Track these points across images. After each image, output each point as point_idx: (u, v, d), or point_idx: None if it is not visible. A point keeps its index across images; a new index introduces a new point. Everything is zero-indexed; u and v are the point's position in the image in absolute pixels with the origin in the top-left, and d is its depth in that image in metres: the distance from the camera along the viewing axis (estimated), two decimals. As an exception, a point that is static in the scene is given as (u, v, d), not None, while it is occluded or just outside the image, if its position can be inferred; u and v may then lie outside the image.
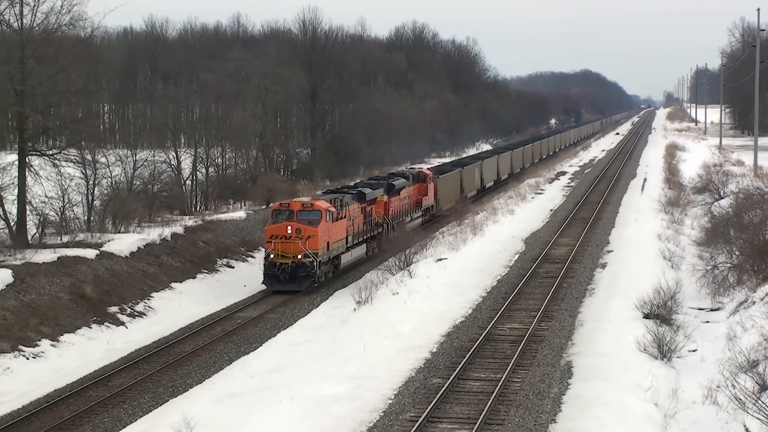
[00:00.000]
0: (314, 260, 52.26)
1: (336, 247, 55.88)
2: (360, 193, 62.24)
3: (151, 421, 33.15)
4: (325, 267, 54.55)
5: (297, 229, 52.33)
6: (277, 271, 52.30)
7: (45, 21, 59.66)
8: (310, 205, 53.75)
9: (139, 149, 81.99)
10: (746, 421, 27.51)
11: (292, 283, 52.26)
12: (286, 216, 53.34)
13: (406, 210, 71.61)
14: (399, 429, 28.83)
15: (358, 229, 60.50)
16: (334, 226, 54.99)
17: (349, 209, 58.48)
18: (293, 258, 52.11)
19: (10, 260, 48.70)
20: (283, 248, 52.23)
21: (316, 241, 52.33)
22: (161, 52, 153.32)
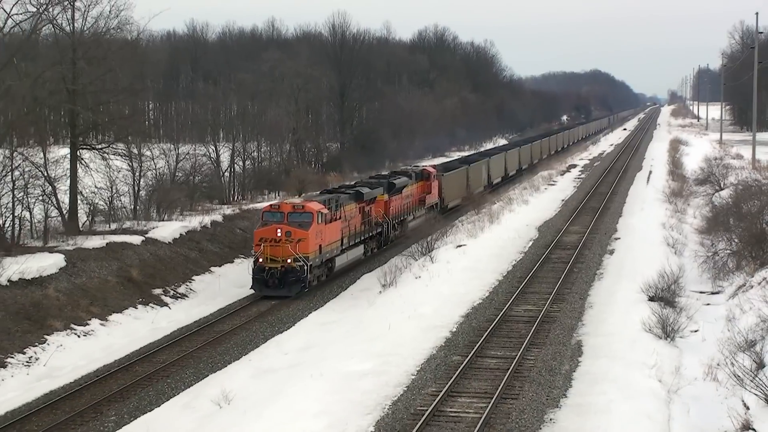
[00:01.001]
0: (305, 264, 47.33)
1: (330, 250, 50.95)
2: (357, 193, 56.94)
3: (193, 394, 33.27)
4: (317, 270, 49.79)
5: (287, 232, 47.35)
6: (266, 275, 47.45)
7: (94, 25, 59.88)
8: (301, 207, 48.51)
9: (181, 143, 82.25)
10: (744, 396, 27.45)
11: (281, 288, 47.32)
12: (277, 218, 48.32)
13: (408, 208, 66.97)
14: (421, 403, 28.85)
15: (355, 229, 55.51)
16: (328, 228, 50.06)
17: (345, 210, 53.38)
18: (283, 262, 47.21)
19: (63, 246, 48.92)
20: (273, 252, 47.35)
21: (306, 244, 47.45)
22: (202, 54, 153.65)
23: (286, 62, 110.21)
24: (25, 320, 39.28)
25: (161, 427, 29.00)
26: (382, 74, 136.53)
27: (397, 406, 28.68)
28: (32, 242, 52.17)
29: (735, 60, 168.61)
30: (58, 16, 57.73)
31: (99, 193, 62.31)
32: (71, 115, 61.02)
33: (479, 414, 27.53)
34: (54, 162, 58.35)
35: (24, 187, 54.60)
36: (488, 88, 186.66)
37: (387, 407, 28.55)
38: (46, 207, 56.53)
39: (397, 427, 26.86)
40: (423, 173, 71.47)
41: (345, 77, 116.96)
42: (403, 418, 27.59)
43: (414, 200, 68.15)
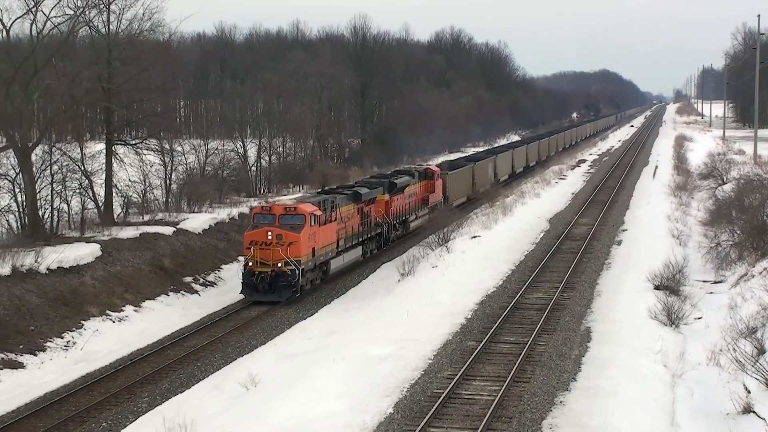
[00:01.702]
0: (296, 268, 43.55)
1: (324, 253, 47.13)
2: (355, 193, 53.03)
3: (221, 376, 33.37)
4: (310, 274, 45.97)
5: (278, 234, 43.57)
6: (256, 280, 43.63)
7: (129, 27, 60.08)
8: (293, 208, 44.57)
9: (210, 139, 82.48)
10: (745, 380, 27.38)
11: (272, 293, 43.59)
12: (268, 221, 44.52)
13: (410, 208, 63.33)
14: (438, 385, 28.87)
15: (352, 231, 51.72)
16: (322, 230, 46.29)
17: (341, 211, 49.68)
18: (273, 266, 43.43)
19: (99, 236, 49.13)
20: (263, 255, 43.55)
21: (298, 247, 43.62)
22: (230, 54, 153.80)
23: (310, 62, 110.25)
24: (63, 306, 39.50)
25: (191, 407, 29.09)
26: (401, 73, 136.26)
27: (415, 388, 28.71)
28: (70, 233, 52.42)
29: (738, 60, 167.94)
30: (95, 18, 57.95)
31: (133, 186, 62.61)
32: (107, 112, 61.24)
33: (493, 396, 27.54)
34: (90, 157, 58.64)
35: (62, 180, 54.90)
36: (502, 86, 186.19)
37: (405, 390, 28.58)
38: (82, 199, 56.80)
39: (414, 408, 26.89)
40: (426, 172, 68.03)
41: (365, 76, 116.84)
42: (421, 400, 27.63)
43: (417, 199, 65.00)
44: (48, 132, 55.85)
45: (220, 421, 26.55)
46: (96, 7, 57.21)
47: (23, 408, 30.45)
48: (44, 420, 29.21)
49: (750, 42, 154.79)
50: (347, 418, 25.87)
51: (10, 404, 30.68)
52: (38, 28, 53.76)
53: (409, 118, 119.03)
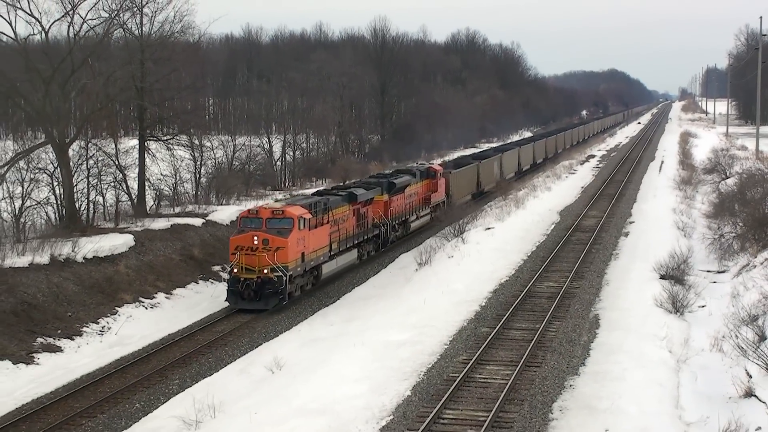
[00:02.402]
0: (284, 275, 39.79)
1: (315, 257, 43.35)
2: (350, 194, 49.25)
3: (248, 360, 33.43)
4: (300, 280, 42.28)
5: (264, 239, 39.82)
6: (241, 287, 39.86)
7: (160, 29, 60.23)
8: (281, 212, 40.88)
9: (237, 135, 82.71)
10: (747, 366, 27.30)
11: (257, 301, 39.87)
12: (255, 225, 40.70)
13: (411, 208, 59.39)
14: (453, 370, 28.86)
15: (347, 233, 47.93)
16: (312, 234, 42.54)
17: (334, 213, 45.92)
18: (259, 273, 39.69)
19: (132, 227, 49.30)
20: (248, 261, 39.84)
21: (285, 253, 39.89)
22: (256, 55, 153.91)
23: (332, 62, 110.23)
24: (98, 293, 39.70)
25: (220, 389, 29.19)
26: (419, 73, 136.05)
27: (432, 372, 28.72)
28: (105, 224, 52.62)
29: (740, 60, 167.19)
30: (128, 21, 58.11)
31: (164, 180, 62.86)
32: (140, 110, 61.51)
33: (505, 380, 27.52)
34: (124, 152, 58.88)
35: (98, 174, 55.13)
36: (515, 85, 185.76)
37: (422, 373, 28.59)
38: (117, 192, 57.02)
39: (431, 391, 26.90)
40: (429, 171, 64.10)
41: (385, 76, 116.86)
42: (437, 383, 27.63)
43: (418, 199, 61.04)
44: (84, 128, 56.02)
45: (246, 403, 26.62)
46: (130, 10, 57.40)
47: (61, 389, 30.60)
48: (81, 401, 29.35)
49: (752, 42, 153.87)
50: (367, 400, 25.90)
51: (49, 386, 30.83)
52: (75, 30, 53.94)
53: (427, 115, 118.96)
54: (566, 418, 24.61)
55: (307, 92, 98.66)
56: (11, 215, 48.74)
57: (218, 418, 25.67)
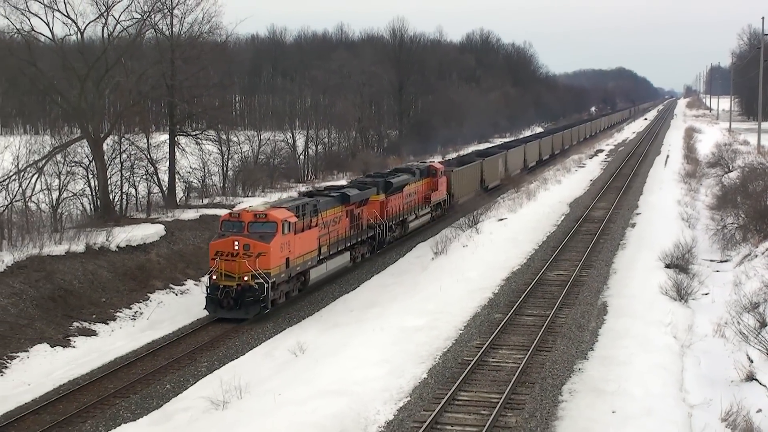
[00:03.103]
0: (265, 282, 36.16)
1: (302, 262, 39.54)
2: (343, 195, 45.27)
3: (272, 344, 33.49)
4: (285, 286, 38.52)
5: (245, 244, 36.18)
6: (220, 295, 36.19)
7: (190, 29, 60.39)
8: (263, 215, 37.04)
9: (263, 131, 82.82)
10: (748, 351, 27.25)
11: (237, 309, 36.25)
12: (236, 229, 36.93)
13: (410, 207, 55.25)
14: (467, 353, 28.86)
15: (339, 236, 44.16)
16: (299, 238, 38.88)
17: (324, 216, 42.13)
18: (239, 280, 36.10)
19: (163, 218, 49.49)
20: (228, 267, 36.16)
21: (267, 259, 36.22)
22: (280, 54, 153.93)
23: (353, 61, 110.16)
24: (131, 280, 39.86)
25: (246, 372, 29.24)
26: (435, 71, 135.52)
27: (447, 356, 28.72)
28: (137, 214, 52.83)
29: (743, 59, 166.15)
30: (159, 21, 58.26)
31: (193, 173, 63.07)
32: (170, 106, 61.68)
33: (517, 364, 27.50)
34: (155, 146, 59.08)
35: (130, 167, 55.35)
36: (527, 83, 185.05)
37: (438, 357, 28.60)
38: (148, 185, 57.22)
39: (446, 374, 26.90)
40: (429, 169, 59.70)
41: (403, 74, 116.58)
42: (452, 366, 27.64)
43: (417, 198, 56.85)
44: (118, 124, 56.21)
45: (271, 384, 26.69)
46: (161, 12, 57.53)
47: (96, 371, 30.75)
48: (114, 382, 29.49)
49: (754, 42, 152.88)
50: (385, 382, 25.93)
51: (85, 368, 31.00)
52: (109, 31, 54.13)
53: (442, 111, 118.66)
54: (575, 400, 24.59)
55: (328, 90, 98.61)
56: (49, 206, 48.94)
57: (244, 399, 25.74)
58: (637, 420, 22.65)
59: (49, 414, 26.53)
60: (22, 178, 47.32)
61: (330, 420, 22.71)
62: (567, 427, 22.62)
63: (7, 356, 30.46)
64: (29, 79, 54.03)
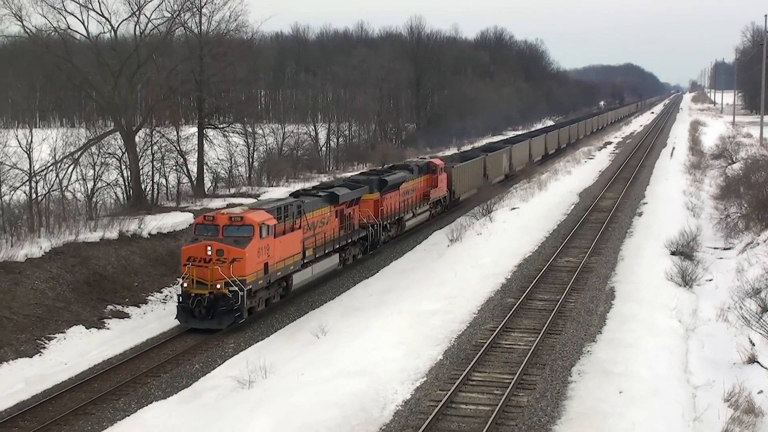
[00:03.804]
0: (240, 290, 32.42)
1: (283, 267, 35.77)
2: (332, 195, 41.44)
3: (295, 327, 33.62)
4: (264, 293, 34.87)
5: (219, 249, 32.44)
6: (192, 303, 32.55)
7: (217, 27, 60.58)
8: (239, 218, 33.34)
9: (286, 124, 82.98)
10: (750, 335, 27.16)
11: (210, 319, 32.57)
12: (210, 232, 33.29)
13: (407, 205, 51.74)
14: (481, 336, 28.83)
15: (327, 237, 40.41)
16: (279, 241, 35.09)
17: (309, 217, 38.30)
18: (212, 287, 32.45)
19: (192, 206, 49.71)
20: (200, 274, 32.50)
21: (243, 265, 32.43)
22: (303, 51, 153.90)
23: (372, 57, 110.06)
24: (161, 266, 40.02)
25: (271, 352, 29.37)
26: (451, 67, 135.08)
27: (461, 338, 28.71)
28: (167, 203, 53.09)
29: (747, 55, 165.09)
30: (188, 20, 58.44)
31: (220, 164, 63.31)
32: (198, 100, 61.92)
33: (529, 346, 27.47)
34: (185, 139, 59.30)
35: (161, 159, 55.58)
36: (539, 78, 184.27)
37: (453, 339, 28.59)
38: (178, 175, 57.46)
39: (461, 356, 26.90)
40: (428, 166, 56.04)
41: (420, 70, 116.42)
42: (466, 348, 27.63)
43: (416, 196, 53.27)
44: (149, 117, 56.44)
45: (294, 365, 26.76)
46: (190, 11, 57.71)
47: (129, 351, 30.97)
48: (146, 362, 29.67)
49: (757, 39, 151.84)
50: (403, 363, 25.95)
51: (118, 348, 31.22)
52: (141, 29, 54.30)
53: (458, 105, 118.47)
54: (584, 380, 24.55)
55: (349, 85, 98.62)
56: (84, 195, 49.21)
57: (269, 378, 25.83)
58: (643, 400, 22.59)
59: (84, 392, 26.74)
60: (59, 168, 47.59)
61: (350, 399, 22.76)
62: (576, 407, 22.58)
63: (45, 337, 30.67)
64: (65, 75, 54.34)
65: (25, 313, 31.81)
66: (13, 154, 43.91)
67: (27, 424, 24.31)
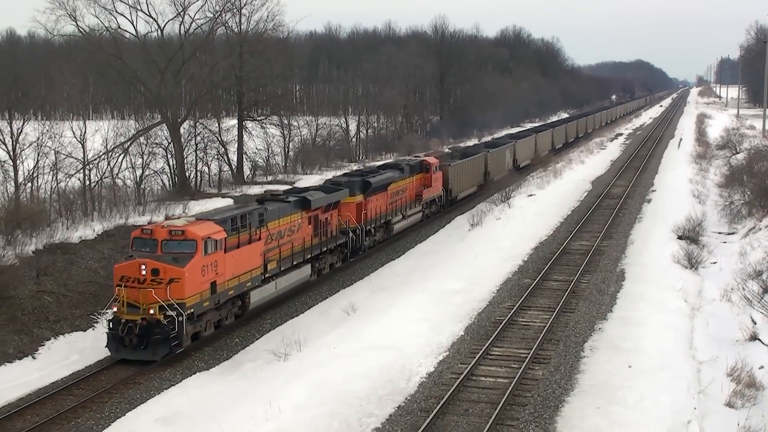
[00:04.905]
0: (179, 315, 26.34)
1: (237, 284, 29.46)
2: (303, 200, 35.01)
3: (327, 305, 33.70)
4: (212, 315, 28.66)
5: (154, 269, 26.33)
6: (122, 331, 26.33)
7: (256, 27, 60.76)
8: (180, 232, 27.04)
9: (320, 116, 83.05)
10: (752, 314, 26.97)
11: (142, 349, 26.31)
12: (148, 248, 27.19)
13: (397, 207, 45.53)
14: (499, 314, 28.81)
15: (295, 247, 34.03)
16: (232, 256, 28.86)
17: (273, 226, 32.22)
18: (144, 312, 26.28)
19: (232, 192, 49.97)
20: (133, 296, 26.45)
21: (182, 286, 26.32)
22: (335, 48, 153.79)
23: (399, 55, 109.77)
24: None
25: (304, 328, 29.49)
26: (472, 63, 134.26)
27: (481, 316, 28.70)
28: (210, 190, 53.40)
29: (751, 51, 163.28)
30: (229, 20, 58.64)
31: (258, 153, 63.53)
32: (238, 94, 62.14)
33: (544, 323, 27.42)
34: (225, 130, 59.59)
35: (204, 148, 55.88)
36: (554, 74, 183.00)
37: (473, 317, 28.59)
38: (219, 163, 57.79)
39: (481, 331, 26.89)
40: (422, 165, 49.74)
41: (444, 66, 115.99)
42: (486, 325, 27.61)
43: (407, 196, 47.10)
44: (193, 110, 56.69)
45: (326, 339, 26.87)
46: (230, 11, 57.91)
47: (174, 326, 31.08)
48: (190, 336, 29.81)
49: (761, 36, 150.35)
50: (427, 338, 25.99)
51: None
52: (185, 28, 54.58)
53: (479, 99, 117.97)
54: (595, 355, 24.48)
55: (378, 80, 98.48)
56: (133, 182, 49.60)
57: (303, 352, 25.95)
58: (650, 374, 22.51)
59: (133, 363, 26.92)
60: (110, 157, 47.97)
61: (378, 371, 22.85)
62: (588, 380, 22.54)
63: (98, 312, 30.90)
64: (116, 71, 54.70)
65: (80, 291, 32.12)
66: (68, 144, 44.29)
67: (82, 392, 24.58)
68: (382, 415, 20.40)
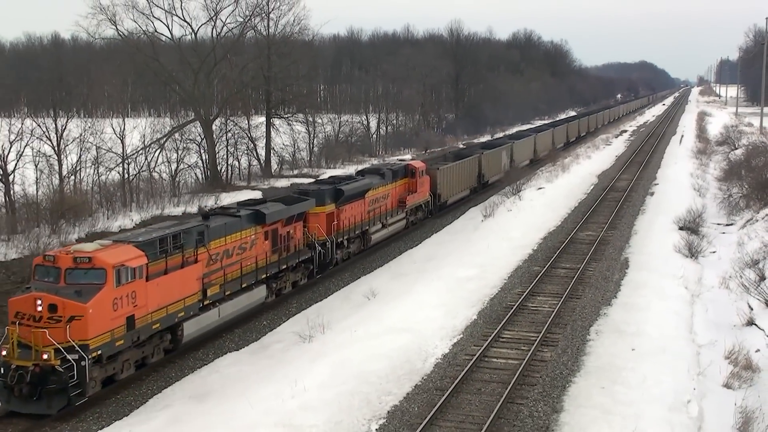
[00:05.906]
0: (80, 359, 20.32)
1: (165, 316, 23.59)
2: (256, 214, 28.83)
3: (349, 290, 33.71)
4: (131, 353, 22.85)
5: (51, 304, 20.35)
6: (11, 379, 20.27)
7: (283, 30, 60.81)
8: (87, 259, 21.07)
9: (342, 114, 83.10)
10: (749, 300, 26.84)
11: (35, 401, 20.24)
12: (51, 277, 21.20)
13: (375, 216, 39.80)
14: (510, 299, 28.75)
15: (247, 267, 28.17)
16: (157, 284, 22.95)
17: (218, 244, 26.30)
18: (36, 357, 20.23)
19: (261, 185, 50.07)
20: (26, 337, 20.44)
21: (84, 324, 20.40)
22: (357, 50, 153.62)
23: (417, 56, 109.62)
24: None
25: (327, 312, 29.54)
26: (485, 64, 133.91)
27: (493, 301, 28.66)
28: (240, 183, 53.54)
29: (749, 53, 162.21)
30: (258, 24, 58.75)
31: (285, 149, 63.66)
32: (266, 94, 62.23)
33: (552, 308, 27.35)
34: (254, 127, 59.77)
35: (234, 144, 56.05)
36: (563, 74, 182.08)
37: (486, 302, 28.55)
38: (249, 158, 57.95)
39: (493, 316, 26.85)
40: (406, 169, 44.08)
41: (459, 67, 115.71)
42: (498, 309, 27.57)
43: (388, 204, 41.56)
44: (224, 108, 56.84)
45: (348, 322, 26.91)
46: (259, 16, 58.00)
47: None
48: (221, 318, 29.88)
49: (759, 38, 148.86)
50: (442, 322, 25.99)
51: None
52: (217, 32, 54.69)
53: (491, 98, 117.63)
54: (600, 339, 24.40)
55: (396, 80, 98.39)
56: (169, 175, 49.81)
57: (326, 334, 26.01)
58: (652, 356, 22.43)
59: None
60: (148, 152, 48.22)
61: (397, 352, 22.88)
62: (593, 361, 22.47)
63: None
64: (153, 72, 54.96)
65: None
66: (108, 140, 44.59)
67: (121, 370, 24.65)
68: (399, 393, 20.43)
